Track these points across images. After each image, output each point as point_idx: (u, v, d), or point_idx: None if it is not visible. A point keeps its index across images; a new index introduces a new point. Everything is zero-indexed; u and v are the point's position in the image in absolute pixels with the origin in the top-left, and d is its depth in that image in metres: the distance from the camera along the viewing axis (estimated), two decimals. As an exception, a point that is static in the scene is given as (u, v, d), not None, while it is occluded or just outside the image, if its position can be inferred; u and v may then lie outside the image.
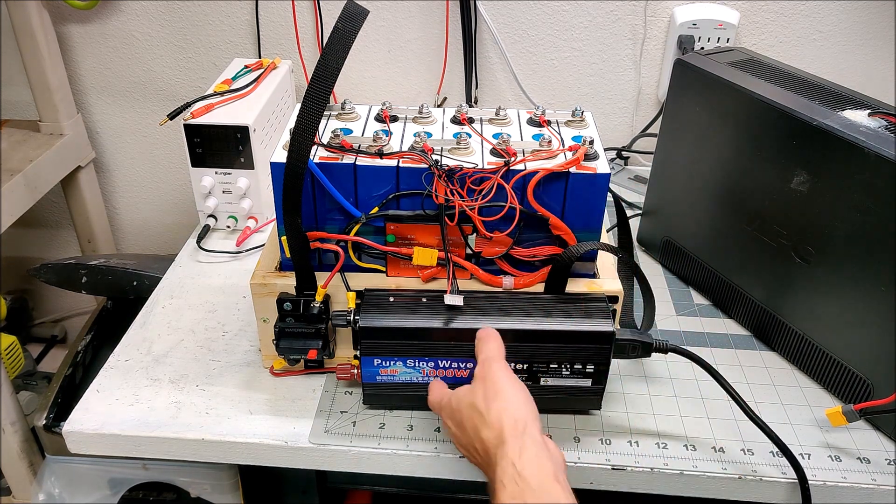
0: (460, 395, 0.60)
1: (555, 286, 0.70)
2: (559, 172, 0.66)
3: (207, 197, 0.99)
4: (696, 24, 1.12)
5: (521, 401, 0.57)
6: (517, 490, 0.50)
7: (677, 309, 0.88)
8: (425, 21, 1.18)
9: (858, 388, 0.72)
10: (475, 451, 0.57)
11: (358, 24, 0.60)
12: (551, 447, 0.55)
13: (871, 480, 0.67)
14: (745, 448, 0.70)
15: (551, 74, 1.22)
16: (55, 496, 1.04)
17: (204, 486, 0.98)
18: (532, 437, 0.53)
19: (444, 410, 0.62)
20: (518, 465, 0.51)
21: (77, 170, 1.28)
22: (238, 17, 1.20)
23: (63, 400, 1.07)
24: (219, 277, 0.93)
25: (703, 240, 0.88)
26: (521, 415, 0.55)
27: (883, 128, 0.69)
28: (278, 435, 0.70)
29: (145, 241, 1.49)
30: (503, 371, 0.59)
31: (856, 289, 0.70)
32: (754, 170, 0.78)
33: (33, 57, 1.15)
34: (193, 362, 0.79)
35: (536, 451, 0.52)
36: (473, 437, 0.57)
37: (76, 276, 1.13)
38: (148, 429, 0.71)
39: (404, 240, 0.70)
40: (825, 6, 1.13)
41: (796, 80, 0.80)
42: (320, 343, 0.70)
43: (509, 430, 0.54)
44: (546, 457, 0.52)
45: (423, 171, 0.66)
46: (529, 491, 0.50)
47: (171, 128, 1.25)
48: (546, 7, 1.16)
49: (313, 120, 0.60)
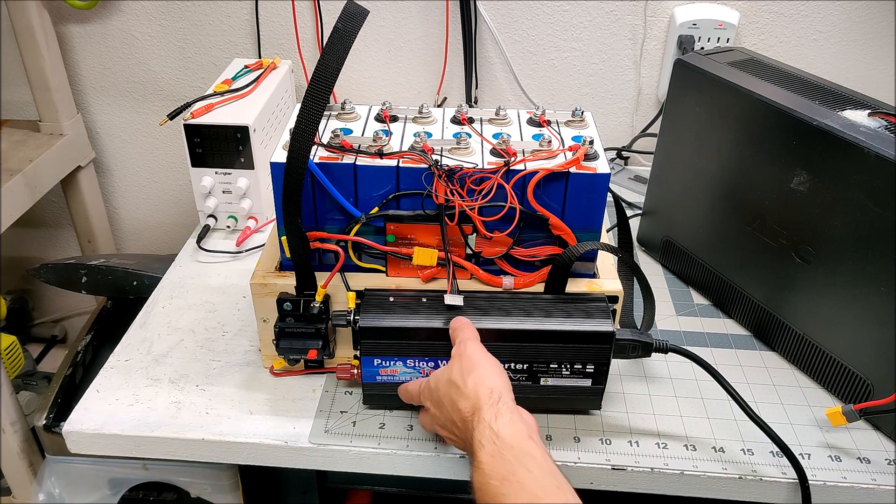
0: (437, 374, 0.63)
1: (555, 286, 0.70)
2: (559, 172, 0.66)
3: (207, 197, 0.99)
4: (696, 24, 1.12)
5: (496, 373, 0.60)
6: (495, 449, 0.54)
7: (677, 309, 0.88)
8: (425, 21, 1.18)
9: (858, 388, 0.72)
10: (453, 424, 0.59)
11: (358, 24, 0.60)
12: (524, 413, 0.59)
13: (871, 480, 0.67)
14: (745, 448, 0.70)
15: (551, 74, 1.22)
16: (55, 496, 1.04)
17: (204, 486, 0.98)
18: (506, 404, 0.57)
19: (423, 394, 0.64)
20: (495, 427, 0.55)
21: (77, 170, 1.28)
22: (238, 17, 1.20)
23: (63, 400, 1.07)
24: (219, 277, 0.93)
25: (703, 240, 0.88)
26: (496, 384, 0.59)
27: (883, 128, 0.69)
28: (278, 435, 0.70)
29: (145, 241, 1.49)
30: (478, 348, 0.63)
31: (856, 289, 0.70)
32: (754, 170, 0.78)
33: (33, 57, 1.15)
34: (193, 362, 0.79)
35: (511, 416, 0.56)
36: (451, 411, 0.59)
37: (76, 276, 1.13)
38: (148, 429, 0.71)
39: (404, 240, 0.70)
40: (825, 6, 1.13)
41: (796, 80, 0.80)
42: (320, 343, 0.70)
43: (485, 398, 0.57)
44: (519, 419, 0.56)
45: (423, 171, 0.66)
46: (507, 448, 0.54)
47: (171, 128, 1.25)
48: (546, 7, 1.16)
49: (313, 120, 0.60)
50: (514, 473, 0.52)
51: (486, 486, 0.52)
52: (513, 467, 0.52)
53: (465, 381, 0.59)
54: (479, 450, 0.54)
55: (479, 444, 0.54)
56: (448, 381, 0.60)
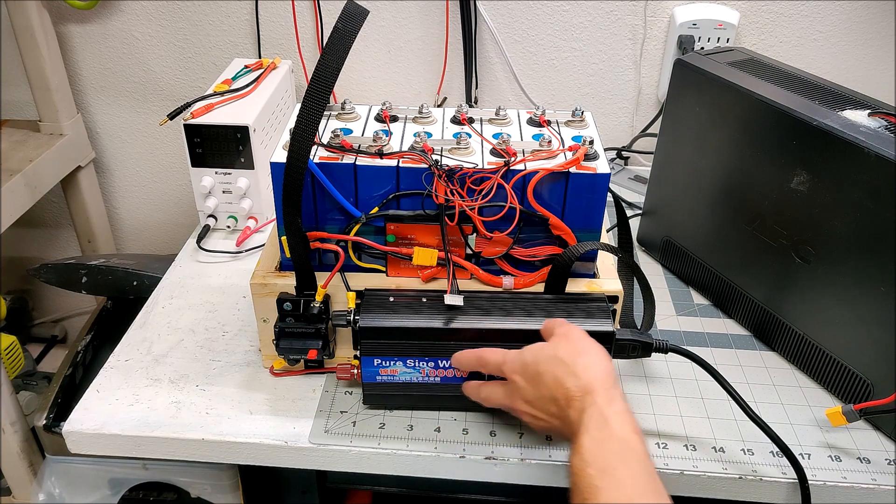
0: (534, 349, 0.61)
1: (555, 286, 0.70)
2: (559, 172, 0.66)
3: (207, 197, 0.99)
4: (696, 24, 1.12)
5: (608, 359, 0.60)
6: (601, 436, 0.53)
7: (677, 309, 0.88)
8: (425, 21, 1.18)
9: (858, 388, 0.72)
10: (551, 401, 0.58)
11: (358, 24, 0.60)
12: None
13: (871, 480, 0.67)
14: (745, 448, 0.70)
15: (551, 74, 1.22)
16: (55, 496, 1.04)
17: (204, 486, 0.98)
18: (620, 392, 0.57)
19: (508, 365, 0.62)
20: (606, 412, 0.54)
21: (77, 170, 1.28)
22: (238, 17, 1.20)
23: (63, 400, 1.07)
24: (219, 277, 0.93)
25: (703, 240, 0.88)
26: (610, 371, 0.58)
27: (883, 128, 0.69)
28: (278, 435, 0.70)
29: (145, 241, 1.49)
30: (584, 333, 0.62)
31: (856, 289, 0.70)
32: (754, 170, 0.78)
33: (33, 57, 1.15)
34: (193, 362, 0.79)
35: (623, 405, 0.56)
36: (553, 387, 0.58)
37: (76, 276, 1.13)
38: (148, 429, 0.71)
39: (404, 240, 0.70)
40: (825, 6, 1.13)
41: (796, 80, 0.80)
42: (320, 343, 0.70)
43: (600, 381, 0.56)
44: (629, 411, 0.56)
45: (423, 171, 0.66)
46: (613, 438, 0.53)
47: (171, 128, 1.25)
48: (546, 7, 1.16)
49: (313, 120, 0.60)
50: (615, 468, 0.51)
51: (583, 473, 0.51)
52: (615, 460, 0.51)
53: (576, 361, 0.58)
54: (584, 433, 0.53)
55: (584, 427, 0.54)
56: (553, 356, 0.59)
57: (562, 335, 0.61)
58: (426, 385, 0.69)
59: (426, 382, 0.69)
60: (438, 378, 0.69)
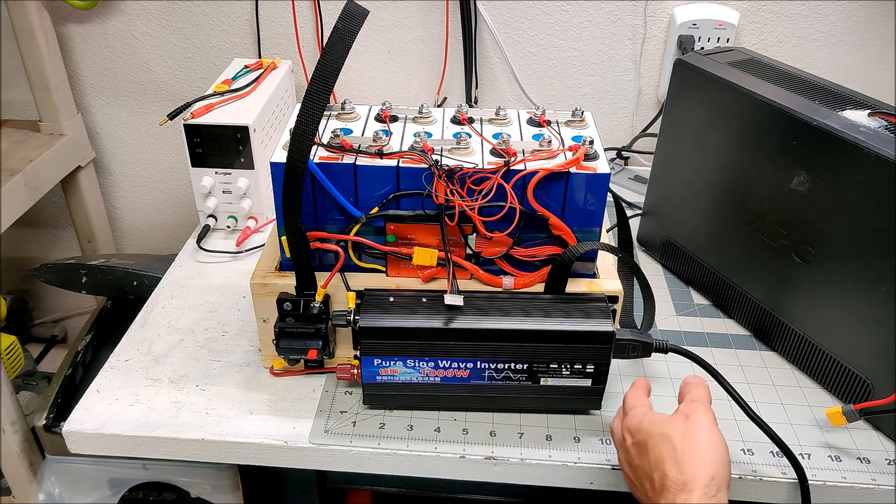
0: (654, 418, 0.58)
1: (555, 286, 0.70)
2: (559, 172, 0.66)
3: (207, 197, 0.99)
4: (696, 24, 1.12)
5: (723, 460, 0.55)
6: None
7: (677, 309, 0.88)
8: (425, 21, 1.18)
9: (858, 388, 0.72)
10: (647, 477, 0.56)
11: (358, 24, 0.60)
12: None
13: (871, 480, 0.67)
14: (745, 448, 0.70)
15: (551, 74, 1.22)
16: (55, 496, 1.04)
17: (204, 486, 0.98)
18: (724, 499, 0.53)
19: (627, 427, 0.60)
20: None
21: (77, 170, 1.28)
22: (238, 17, 1.20)
23: (63, 400, 1.07)
24: (219, 277, 0.93)
25: (703, 240, 0.88)
26: (719, 474, 0.54)
27: (883, 128, 0.69)
28: (278, 435, 0.70)
29: (145, 241, 1.49)
30: (709, 417, 0.58)
31: (856, 289, 0.70)
32: (754, 170, 0.78)
33: (33, 57, 1.15)
34: (193, 362, 0.79)
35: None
36: (653, 466, 0.55)
37: (76, 276, 1.13)
38: (148, 429, 0.71)
39: (404, 240, 0.70)
40: (825, 6, 1.13)
41: (796, 80, 0.80)
42: (320, 343, 0.70)
43: (702, 482, 0.52)
44: None
45: (423, 171, 0.66)
46: None
47: (171, 128, 1.25)
48: (546, 7, 1.16)
49: (313, 120, 0.60)
50: None
51: None
52: None
53: (685, 450, 0.54)
54: None
55: None
56: (664, 435, 0.56)
57: (682, 414, 0.58)
58: (426, 385, 0.69)
59: (426, 382, 0.69)
60: (438, 378, 0.69)
